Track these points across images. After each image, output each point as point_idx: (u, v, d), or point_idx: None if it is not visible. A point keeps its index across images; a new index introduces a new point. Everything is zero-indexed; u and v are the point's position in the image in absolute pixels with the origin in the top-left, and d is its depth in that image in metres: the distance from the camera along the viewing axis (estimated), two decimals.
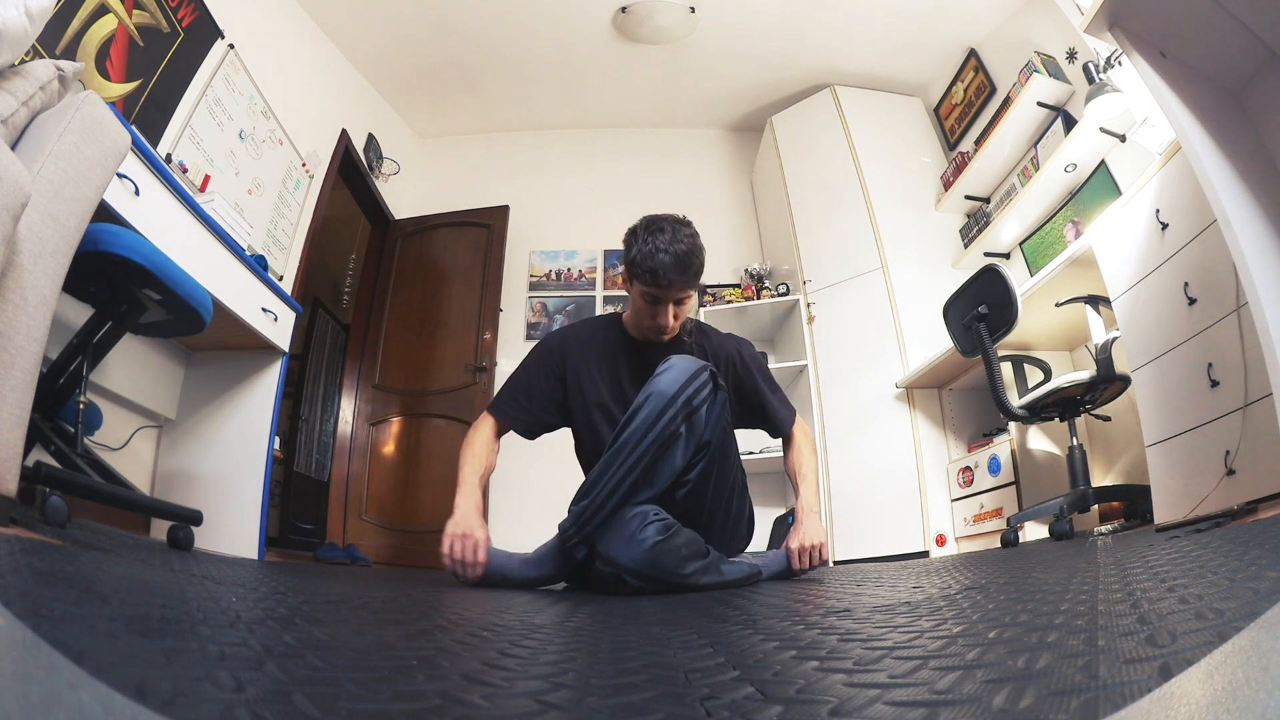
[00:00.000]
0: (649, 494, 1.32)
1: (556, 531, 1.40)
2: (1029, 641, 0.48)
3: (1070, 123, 3.07)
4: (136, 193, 1.69)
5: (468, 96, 4.52)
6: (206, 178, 2.72)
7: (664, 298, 1.48)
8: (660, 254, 1.43)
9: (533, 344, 1.84)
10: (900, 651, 0.49)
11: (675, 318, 1.52)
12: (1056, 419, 2.35)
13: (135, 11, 2.43)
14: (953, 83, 4.00)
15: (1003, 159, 3.49)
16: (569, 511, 1.36)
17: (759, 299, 4.03)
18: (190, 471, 2.32)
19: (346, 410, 4.11)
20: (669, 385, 1.31)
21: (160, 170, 1.80)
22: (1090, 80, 2.76)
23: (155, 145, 2.50)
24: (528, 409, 1.62)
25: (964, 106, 3.93)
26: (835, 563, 3.27)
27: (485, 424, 1.62)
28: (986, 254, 3.53)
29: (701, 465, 1.38)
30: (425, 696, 0.36)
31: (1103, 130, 2.84)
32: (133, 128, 1.57)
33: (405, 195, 4.60)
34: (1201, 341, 1.73)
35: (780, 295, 3.97)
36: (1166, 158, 1.86)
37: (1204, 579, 0.67)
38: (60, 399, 1.62)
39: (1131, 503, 2.20)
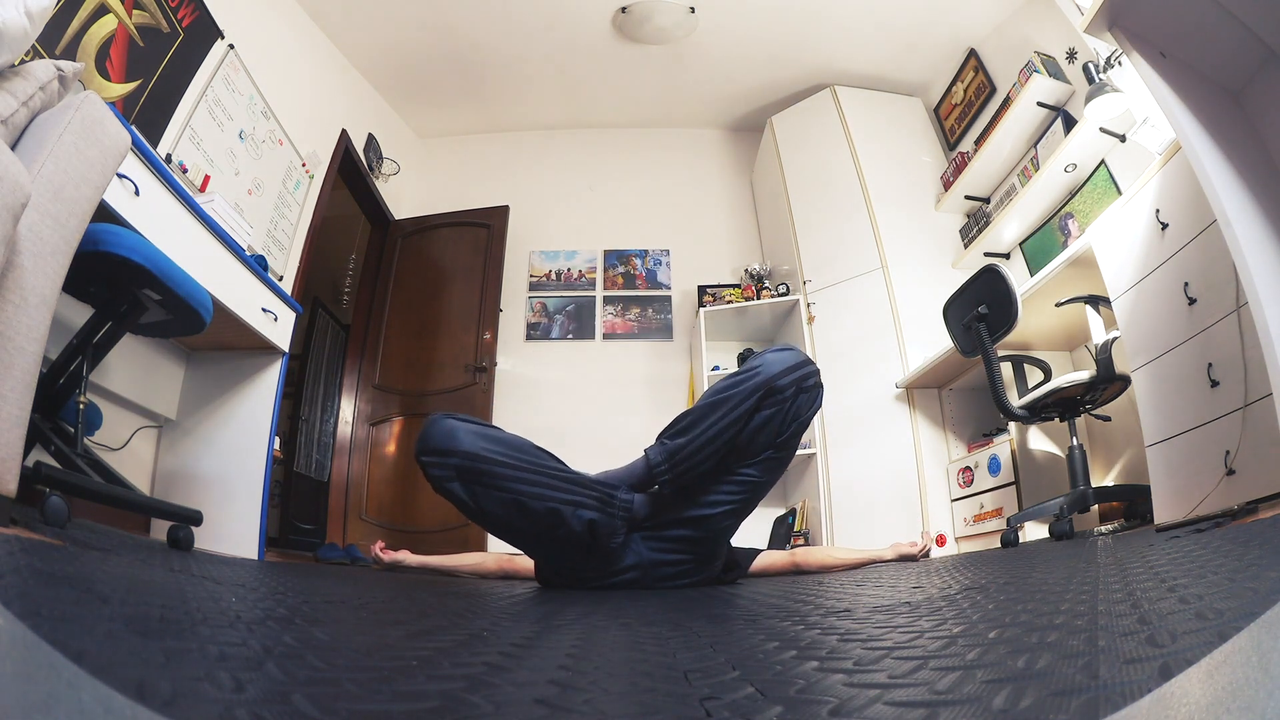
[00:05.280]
0: (744, 462, 1.25)
1: (640, 457, 1.28)
2: (1029, 642, 0.48)
3: (1070, 123, 3.07)
4: (136, 193, 1.69)
5: (467, 96, 4.52)
6: (206, 178, 2.72)
7: None
8: None
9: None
10: (900, 651, 0.49)
11: None
12: (1056, 419, 2.35)
13: (135, 11, 2.43)
14: (953, 83, 4.00)
15: (1003, 159, 3.49)
16: (658, 442, 1.27)
17: (759, 299, 4.03)
18: (190, 471, 2.32)
19: (346, 410, 4.11)
20: (780, 362, 1.25)
21: (160, 170, 1.80)
22: (1090, 80, 2.76)
23: (155, 145, 2.49)
24: None
25: (964, 106, 3.93)
26: None
27: None
28: (986, 254, 3.53)
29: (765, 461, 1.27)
30: (425, 697, 0.36)
31: (1103, 130, 2.84)
32: (133, 128, 1.57)
33: (405, 195, 4.60)
34: (1201, 341, 1.73)
35: (780, 295, 3.97)
36: (1166, 158, 1.86)
37: (1204, 579, 0.67)
38: (60, 399, 1.62)
39: (1131, 503, 2.20)
